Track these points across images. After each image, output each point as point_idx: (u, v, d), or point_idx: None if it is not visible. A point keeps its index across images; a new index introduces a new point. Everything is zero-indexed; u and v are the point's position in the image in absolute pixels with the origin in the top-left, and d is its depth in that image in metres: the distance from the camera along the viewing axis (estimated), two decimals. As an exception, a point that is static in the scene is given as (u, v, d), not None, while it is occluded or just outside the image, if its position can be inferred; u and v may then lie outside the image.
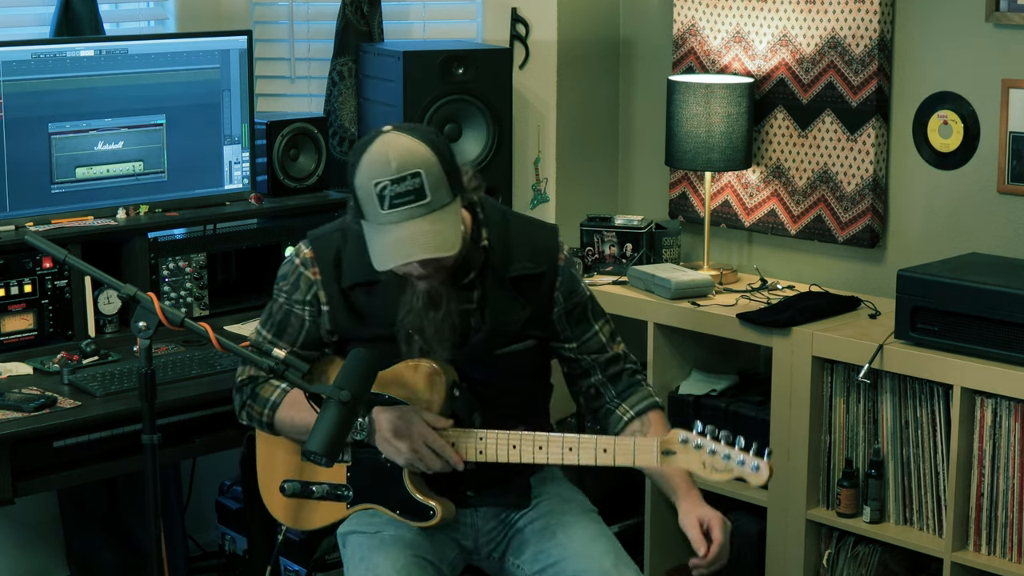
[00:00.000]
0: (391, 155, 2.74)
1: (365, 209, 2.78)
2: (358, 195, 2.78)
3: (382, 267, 2.79)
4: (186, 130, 3.97)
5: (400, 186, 2.73)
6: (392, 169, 2.73)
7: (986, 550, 3.47)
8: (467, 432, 2.93)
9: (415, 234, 2.74)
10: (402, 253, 2.75)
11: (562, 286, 3.03)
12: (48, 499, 4.08)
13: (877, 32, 3.92)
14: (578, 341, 3.07)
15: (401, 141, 2.77)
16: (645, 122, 4.56)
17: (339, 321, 2.98)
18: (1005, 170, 3.76)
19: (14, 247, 3.59)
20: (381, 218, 2.75)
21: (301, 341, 3.02)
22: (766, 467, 2.74)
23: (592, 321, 3.09)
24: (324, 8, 4.40)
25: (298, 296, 3.01)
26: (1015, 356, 3.34)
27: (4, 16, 3.97)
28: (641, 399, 3.09)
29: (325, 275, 2.98)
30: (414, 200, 2.73)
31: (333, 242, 3.00)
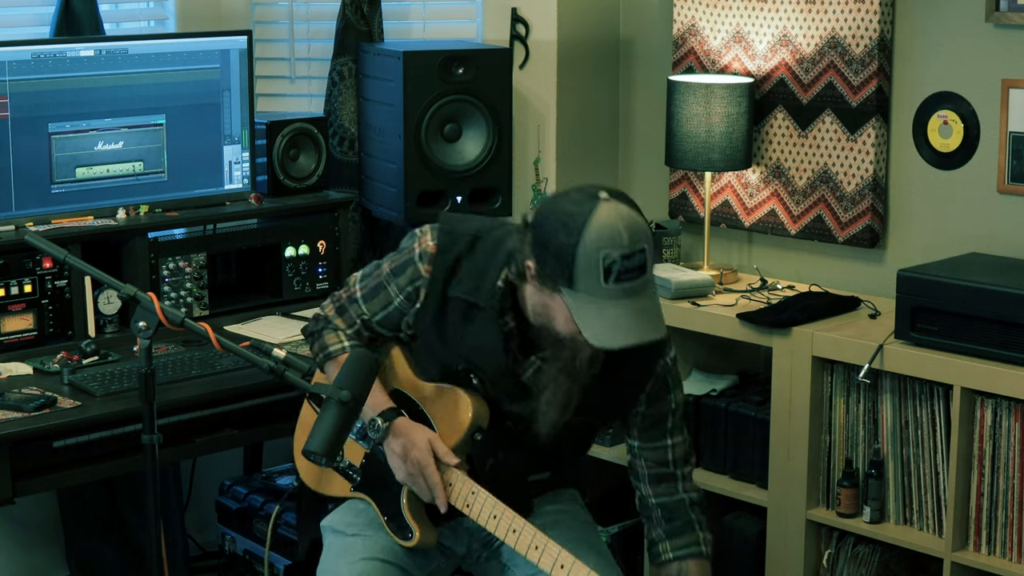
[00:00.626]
0: (623, 227, 2.59)
1: (581, 278, 2.60)
2: (576, 262, 2.59)
3: (604, 345, 2.65)
4: (186, 130, 3.97)
5: (630, 262, 2.59)
6: (625, 243, 2.58)
7: (986, 550, 3.47)
8: (465, 481, 2.87)
9: (638, 312, 2.63)
10: (628, 334, 2.62)
11: (652, 388, 2.92)
12: (48, 499, 4.08)
13: (877, 32, 3.92)
14: (641, 443, 2.97)
15: (626, 212, 2.62)
16: (645, 122, 4.56)
17: (423, 326, 2.90)
18: (1005, 170, 3.76)
19: (14, 247, 3.59)
20: (599, 291, 2.60)
21: (379, 318, 2.97)
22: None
23: (667, 435, 2.96)
24: (324, 8, 4.40)
25: (400, 280, 2.92)
26: (1015, 356, 3.34)
27: (4, 16, 3.97)
28: (686, 543, 2.96)
29: (434, 276, 2.88)
30: (637, 276, 2.61)
31: (459, 245, 2.87)
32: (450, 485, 2.87)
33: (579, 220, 2.60)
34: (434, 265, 2.87)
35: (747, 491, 3.88)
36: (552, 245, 2.62)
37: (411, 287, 2.91)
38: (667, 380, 2.93)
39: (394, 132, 4.10)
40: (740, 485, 3.92)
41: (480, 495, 2.85)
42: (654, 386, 2.92)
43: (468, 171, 4.15)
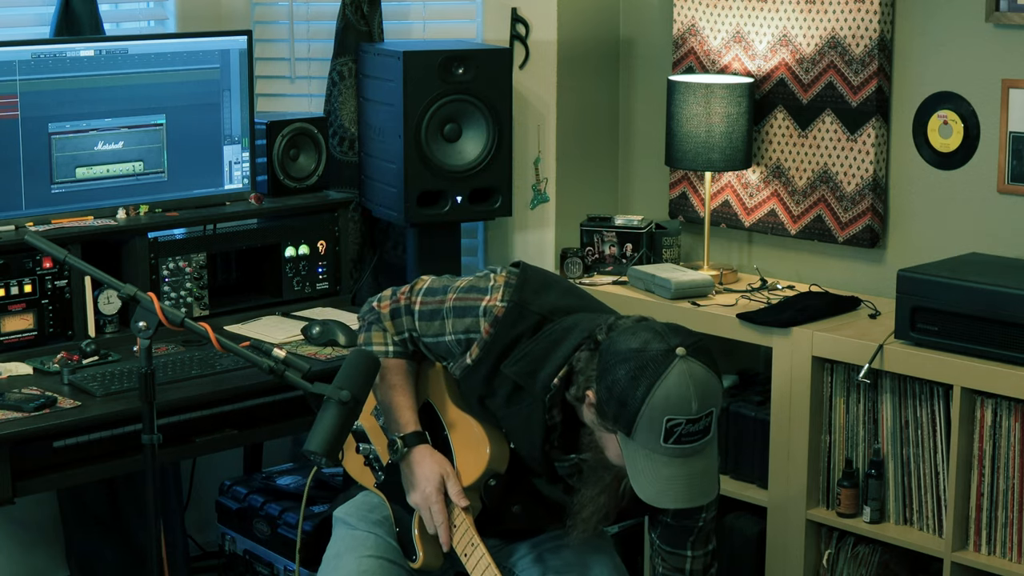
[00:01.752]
0: (694, 393, 2.53)
1: (640, 432, 2.55)
2: (640, 418, 2.54)
3: (652, 503, 2.60)
4: (186, 130, 3.97)
5: (695, 426, 2.54)
6: (692, 411, 2.52)
7: (986, 550, 3.47)
8: (468, 527, 2.84)
9: (691, 475, 2.57)
10: (678, 496, 2.58)
11: None
12: (48, 499, 4.08)
13: (877, 32, 3.92)
14: (661, 544, 2.96)
15: (701, 374, 2.55)
16: (645, 122, 4.56)
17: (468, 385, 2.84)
18: (1005, 170, 3.76)
19: (14, 247, 3.59)
20: (656, 447, 2.54)
21: (428, 341, 2.89)
22: None
23: (688, 547, 2.94)
24: (324, 8, 4.39)
25: (457, 323, 2.83)
26: (1015, 356, 3.34)
27: (4, 16, 3.97)
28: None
29: (492, 340, 2.78)
30: (699, 439, 2.56)
31: (525, 321, 2.77)
32: (455, 527, 2.85)
33: (651, 376, 2.53)
34: (494, 331, 2.78)
35: (747, 491, 3.88)
36: (616, 390, 2.56)
37: (465, 336, 2.82)
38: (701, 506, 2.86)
39: (394, 132, 4.10)
40: (740, 485, 3.92)
41: (478, 550, 2.81)
42: None
43: (468, 171, 4.15)
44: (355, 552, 2.95)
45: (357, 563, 2.92)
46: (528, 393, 2.75)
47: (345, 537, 3.00)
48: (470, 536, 2.84)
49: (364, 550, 2.94)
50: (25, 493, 3.25)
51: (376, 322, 2.98)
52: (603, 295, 4.06)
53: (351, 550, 2.96)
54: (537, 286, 2.83)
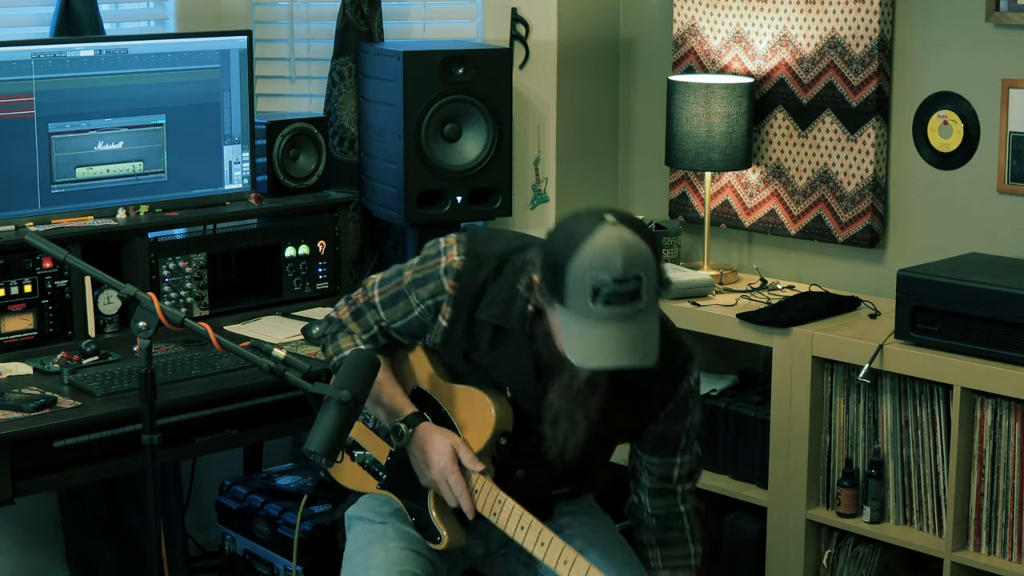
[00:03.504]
0: (619, 252, 2.57)
1: (571, 297, 2.59)
2: (567, 281, 2.59)
3: (581, 364, 2.64)
4: (186, 130, 3.97)
5: (621, 287, 2.56)
6: (618, 268, 2.56)
7: (986, 550, 3.47)
8: (491, 488, 2.85)
9: (622, 339, 2.59)
10: (608, 357, 2.61)
11: (671, 408, 2.90)
12: (48, 499, 4.08)
13: (877, 32, 3.92)
14: (649, 457, 2.97)
15: (628, 238, 2.60)
16: (645, 122, 4.56)
17: (451, 345, 2.87)
18: (1005, 170, 3.76)
19: (14, 247, 3.59)
20: (587, 311, 2.58)
21: (398, 325, 2.93)
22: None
23: (677, 454, 2.96)
24: (324, 8, 4.39)
25: (422, 292, 2.87)
26: (1015, 356, 3.34)
27: (4, 16, 3.97)
28: (678, 555, 3.01)
29: (461, 295, 2.83)
30: (628, 302, 2.57)
31: (486, 269, 2.83)
32: (476, 492, 2.85)
33: (578, 239, 2.59)
34: (459, 284, 2.83)
35: (747, 491, 3.88)
36: (551, 260, 2.62)
37: (432, 301, 2.87)
38: (688, 401, 2.90)
39: (394, 132, 4.10)
40: (740, 485, 3.92)
41: (507, 504, 2.82)
42: (675, 407, 2.89)
43: (468, 171, 4.15)
44: (380, 544, 2.91)
45: (385, 554, 2.88)
46: (508, 332, 2.80)
47: (365, 531, 2.97)
48: (494, 496, 2.85)
49: (389, 541, 2.91)
50: (25, 493, 3.25)
51: (340, 329, 3.00)
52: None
53: (375, 542, 2.92)
54: (486, 237, 2.90)
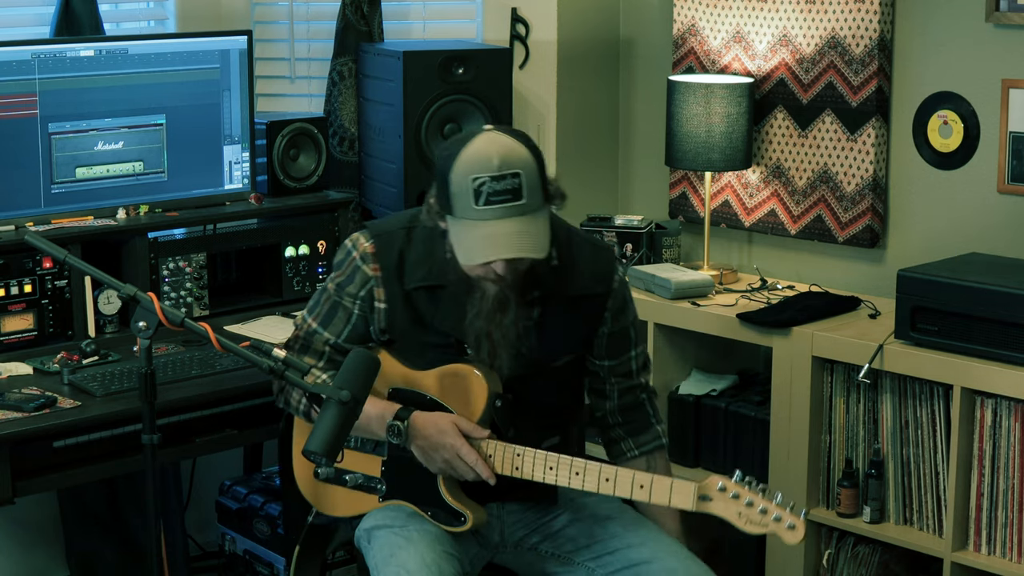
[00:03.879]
0: (493, 152, 2.73)
1: (456, 203, 2.75)
2: (452, 189, 2.75)
3: (470, 262, 2.77)
4: (186, 130, 3.97)
5: (499, 184, 2.72)
6: (494, 166, 2.72)
7: (986, 550, 3.47)
8: (505, 446, 2.90)
9: (508, 233, 2.74)
10: (494, 250, 2.74)
11: (612, 307, 3.03)
12: (48, 499, 4.08)
13: (877, 32, 3.92)
14: (611, 362, 3.07)
15: (503, 140, 2.76)
16: (645, 122, 4.56)
17: (397, 322, 2.96)
18: (1005, 170, 3.76)
19: (14, 247, 3.59)
20: (473, 214, 2.73)
21: (346, 335, 3.00)
22: (801, 527, 2.72)
23: (630, 347, 3.09)
24: (324, 8, 4.39)
25: (351, 289, 2.98)
26: (1015, 356, 3.34)
27: (4, 16, 3.97)
28: (649, 439, 3.13)
29: (385, 273, 2.95)
30: (510, 199, 2.72)
31: (396, 240, 2.96)
32: (490, 457, 2.89)
33: (458, 148, 2.76)
34: (380, 264, 2.94)
35: (747, 491, 3.88)
36: (438, 176, 2.79)
37: (364, 291, 2.96)
38: (624, 295, 3.05)
39: (394, 132, 4.10)
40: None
41: (527, 453, 2.88)
42: (615, 302, 3.03)
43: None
44: (410, 548, 2.88)
45: (421, 557, 2.86)
46: (441, 285, 2.90)
47: (390, 539, 2.94)
48: (511, 452, 2.89)
49: (417, 544, 2.89)
50: (25, 493, 3.25)
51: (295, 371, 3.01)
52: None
53: (403, 547, 2.90)
54: (384, 218, 3.05)
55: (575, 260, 2.98)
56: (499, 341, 2.87)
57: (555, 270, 2.93)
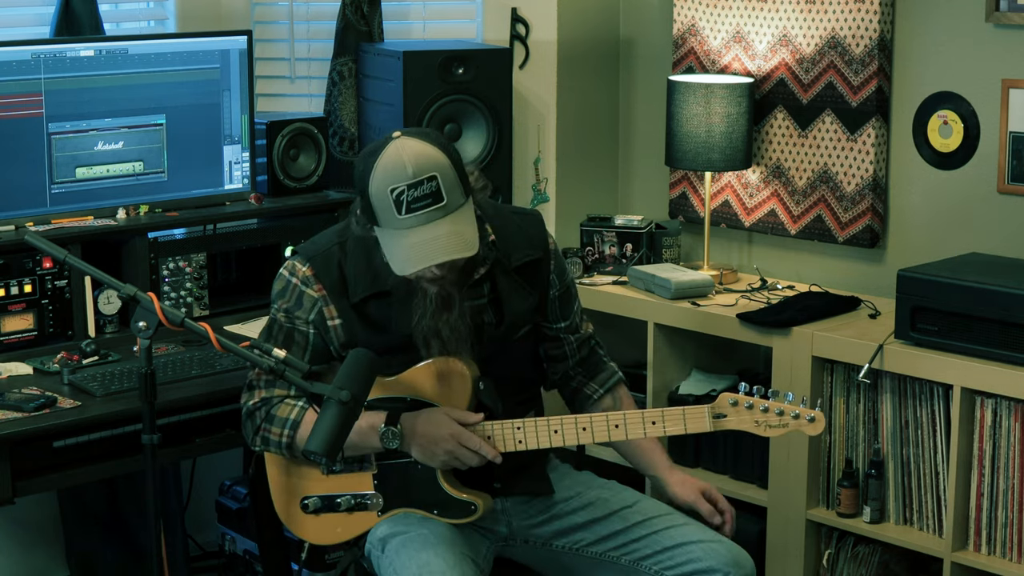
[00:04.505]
0: (406, 160, 2.76)
1: (380, 216, 2.79)
2: (372, 202, 2.79)
3: (404, 272, 2.79)
4: (186, 130, 3.97)
5: (417, 190, 2.75)
6: (409, 174, 2.75)
7: (986, 550, 3.47)
8: (503, 424, 2.95)
9: (436, 237, 2.77)
10: (425, 257, 2.77)
11: (556, 269, 3.12)
12: (48, 499, 4.08)
13: (877, 32, 3.92)
14: (565, 322, 3.16)
15: (413, 146, 2.79)
16: (645, 122, 4.56)
17: (356, 333, 2.97)
18: (1005, 170, 3.76)
19: (14, 247, 3.59)
20: (398, 223, 2.77)
21: (308, 358, 3.00)
22: (821, 418, 2.82)
23: (573, 302, 3.19)
24: (324, 8, 4.39)
25: (300, 314, 3.01)
26: (1015, 356, 3.34)
27: (4, 16, 3.97)
28: (607, 376, 3.21)
29: (331, 291, 2.98)
30: (432, 203, 2.76)
31: (332, 257, 2.99)
32: (490, 437, 2.94)
33: (370, 162, 2.79)
34: (324, 284, 2.97)
35: (747, 491, 3.88)
36: (358, 190, 2.84)
37: (314, 313, 2.99)
38: (559, 254, 3.15)
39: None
40: (740, 485, 3.92)
41: (526, 424, 2.94)
42: (556, 264, 3.12)
43: (468, 171, 4.15)
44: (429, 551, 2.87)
45: (442, 560, 2.85)
46: (387, 292, 2.94)
47: (407, 542, 2.92)
48: (509, 427, 2.94)
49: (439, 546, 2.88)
50: (25, 493, 3.25)
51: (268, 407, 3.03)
52: (603, 295, 4.07)
53: (423, 549, 2.88)
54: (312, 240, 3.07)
55: (509, 231, 3.04)
56: (449, 338, 2.91)
57: (494, 245, 3.00)
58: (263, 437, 3.03)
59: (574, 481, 3.14)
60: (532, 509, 3.09)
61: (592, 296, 4.07)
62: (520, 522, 3.08)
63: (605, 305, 4.07)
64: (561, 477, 3.15)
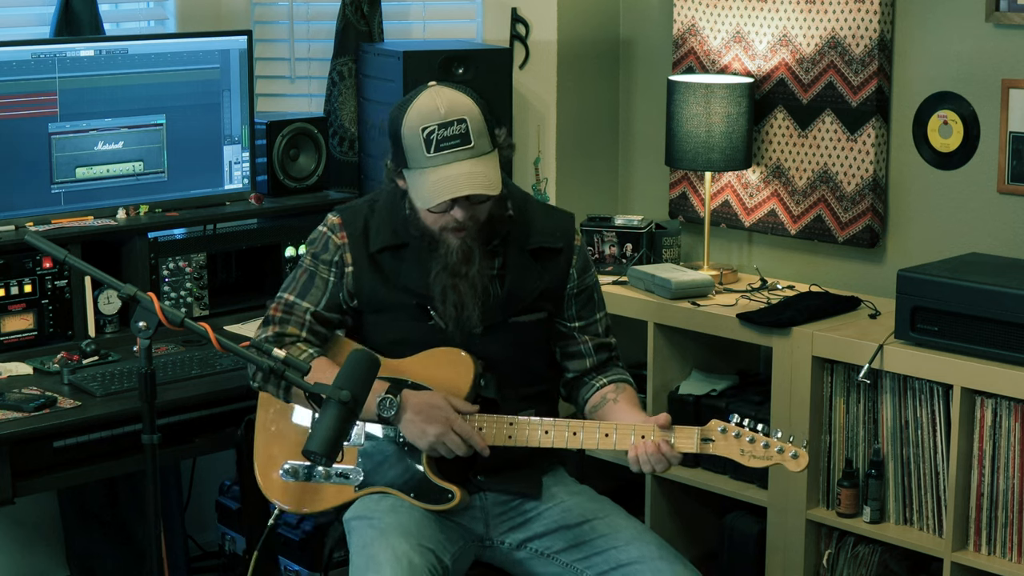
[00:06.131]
0: (439, 103, 2.90)
1: (410, 155, 2.92)
2: (404, 143, 2.92)
3: (429, 204, 2.91)
4: (186, 130, 3.97)
5: (447, 130, 2.89)
6: (441, 115, 2.90)
7: (986, 550, 3.47)
8: (497, 418, 2.98)
9: (461, 173, 2.89)
10: (448, 190, 2.88)
11: (577, 264, 3.15)
12: (48, 499, 4.08)
13: (877, 32, 3.92)
14: (581, 322, 3.18)
15: (447, 92, 2.94)
16: (645, 122, 4.56)
17: (363, 282, 3.07)
18: (1005, 170, 3.76)
19: (14, 247, 3.59)
20: (426, 161, 2.90)
21: (324, 302, 3.10)
22: (804, 455, 2.87)
23: (596, 309, 3.22)
24: (324, 8, 4.40)
25: (325, 257, 3.11)
26: (1015, 356, 3.34)
27: (4, 16, 3.97)
28: (615, 373, 3.21)
29: (352, 239, 3.09)
30: (460, 144, 2.90)
31: (360, 212, 3.12)
32: (481, 429, 2.97)
33: (405, 106, 2.94)
34: (347, 232, 3.09)
35: (747, 491, 3.88)
36: (390, 134, 2.97)
37: (336, 256, 3.10)
38: (586, 255, 3.20)
39: (394, 132, 4.10)
40: (740, 485, 3.92)
41: (518, 422, 2.98)
42: (579, 261, 3.16)
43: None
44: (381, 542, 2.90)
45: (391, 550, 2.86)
46: (404, 245, 3.05)
47: (364, 530, 2.97)
48: (502, 421, 2.97)
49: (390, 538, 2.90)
50: (25, 493, 3.25)
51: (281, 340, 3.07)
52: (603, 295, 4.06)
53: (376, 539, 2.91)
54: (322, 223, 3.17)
55: (531, 215, 3.11)
56: (466, 292, 2.98)
57: (512, 220, 3.07)
58: (273, 382, 3.07)
59: (564, 490, 3.12)
60: (512, 511, 3.09)
61: (592, 296, 4.07)
62: (496, 523, 3.08)
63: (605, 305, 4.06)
64: (553, 484, 3.13)
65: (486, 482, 3.06)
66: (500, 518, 3.08)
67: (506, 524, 3.08)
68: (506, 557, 3.10)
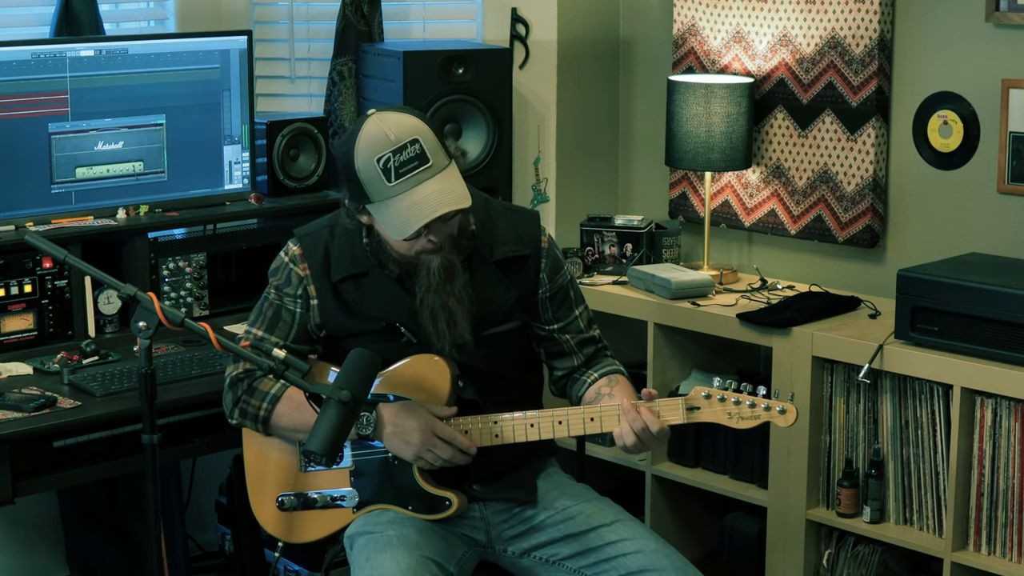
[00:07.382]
0: (386, 129, 2.83)
1: (370, 189, 2.84)
2: (361, 177, 2.84)
3: (406, 233, 2.84)
4: (186, 130, 3.97)
5: (402, 154, 2.82)
6: (391, 140, 2.82)
7: (986, 550, 3.47)
8: (481, 418, 2.96)
9: (429, 194, 2.82)
10: (423, 213, 2.82)
11: (547, 267, 3.11)
12: (48, 499, 4.08)
13: (877, 32, 3.92)
14: (561, 323, 3.14)
15: (390, 116, 2.86)
16: (645, 122, 4.56)
17: (328, 314, 3.03)
18: (1005, 170, 3.76)
19: (14, 247, 3.59)
20: (389, 191, 2.82)
21: (293, 335, 3.06)
22: (792, 409, 2.85)
23: (573, 306, 3.16)
24: (324, 8, 4.40)
25: (289, 291, 3.07)
26: (1015, 356, 3.34)
27: (4, 16, 3.97)
28: (606, 365, 3.17)
29: (314, 270, 3.04)
30: (418, 165, 2.83)
31: (321, 238, 3.06)
32: (466, 432, 2.96)
33: (351, 141, 2.85)
34: (308, 262, 3.05)
35: (747, 491, 3.88)
36: (342, 173, 2.89)
37: (300, 289, 3.06)
38: (555, 254, 3.13)
39: (394, 132, 4.10)
40: (740, 485, 3.92)
41: (503, 419, 2.96)
42: (548, 264, 3.10)
43: (468, 171, 4.10)
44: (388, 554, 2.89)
45: (396, 563, 2.86)
46: (365, 273, 3.01)
47: (370, 545, 2.95)
48: (487, 421, 2.95)
49: (396, 550, 2.90)
50: (25, 493, 3.25)
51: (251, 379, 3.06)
52: (603, 295, 4.06)
53: (380, 552, 2.90)
54: (310, 223, 3.13)
55: (495, 225, 3.06)
56: (455, 308, 2.93)
57: (474, 236, 3.02)
58: (241, 409, 3.07)
59: (563, 494, 3.11)
60: (513, 519, 3.08)
61: (592, 296, 4.06)
62: (498, 532, 3.08)
63: (605, 305, 4.06)
64: (551, 487, 3.12)
65: (482, 491, 3.05)
66: (501, 527, 3.07)
67: (508, 533, 3.07)
68: (511, 563, 3.10)
